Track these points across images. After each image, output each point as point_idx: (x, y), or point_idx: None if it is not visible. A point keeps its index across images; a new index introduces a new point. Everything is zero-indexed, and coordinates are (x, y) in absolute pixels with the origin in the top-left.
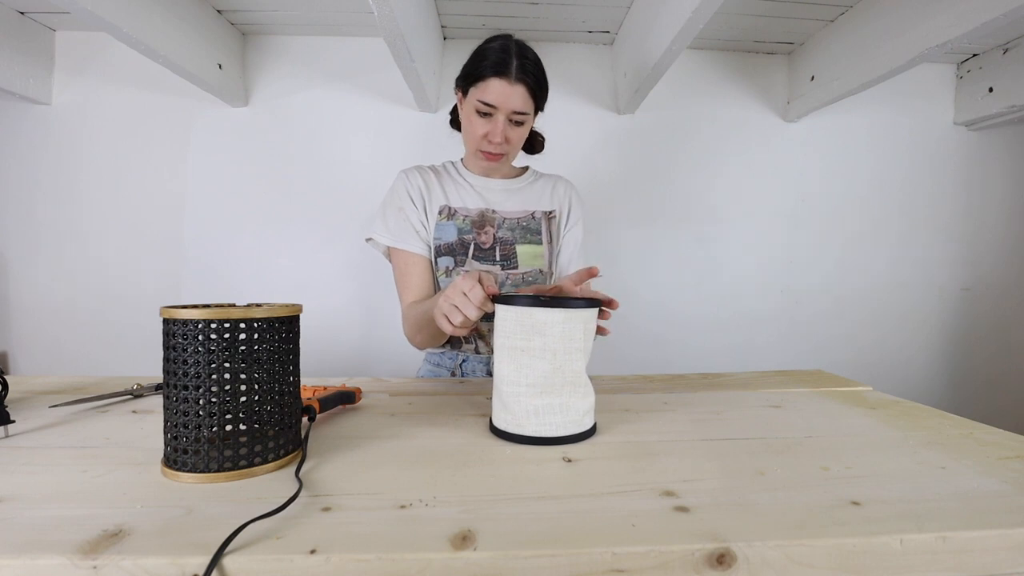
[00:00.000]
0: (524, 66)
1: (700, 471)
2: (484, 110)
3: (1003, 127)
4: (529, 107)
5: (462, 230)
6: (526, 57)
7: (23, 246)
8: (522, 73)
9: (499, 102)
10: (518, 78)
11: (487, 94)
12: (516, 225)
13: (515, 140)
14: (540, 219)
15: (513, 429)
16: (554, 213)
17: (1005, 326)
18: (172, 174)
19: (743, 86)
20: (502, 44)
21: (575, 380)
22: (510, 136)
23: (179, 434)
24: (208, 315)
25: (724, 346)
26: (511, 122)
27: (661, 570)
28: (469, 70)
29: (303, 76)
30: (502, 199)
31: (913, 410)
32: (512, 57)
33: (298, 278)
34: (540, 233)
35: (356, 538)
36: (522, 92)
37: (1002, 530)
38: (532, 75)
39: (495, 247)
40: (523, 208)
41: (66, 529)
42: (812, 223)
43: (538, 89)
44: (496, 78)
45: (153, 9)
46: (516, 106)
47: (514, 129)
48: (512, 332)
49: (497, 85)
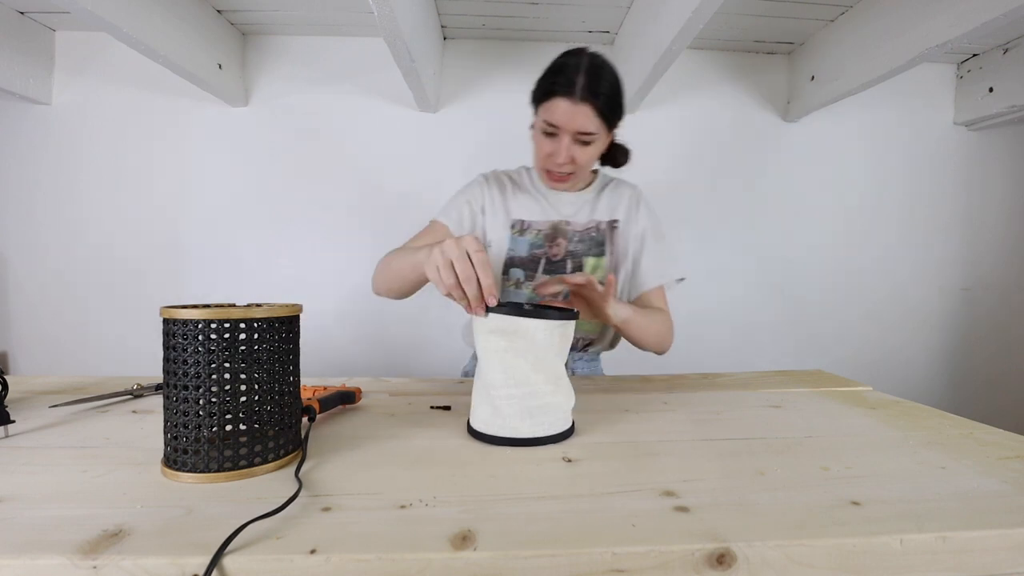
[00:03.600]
0: (592, 85)
1: (700, 471)
2: (549, 130)
3: (1003, 127)
4: (596, 127)
5: (534, 244)
6: (598, 75)
7: (23, 246)
8: (588, 93)
9: (563, 122)
10: (583, 97)
11: (551, 114)
12: (586, 236)
13: (582, 160)
14: (604, 230)
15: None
16: (617, 223)
17: (1005, 326)
18: (172, 174)
19: (743, 86)
20: (575, 61)
21: (557, 381)
22: (576, 156)
23: (179, 434)
24: (208, 315)
25: (724, 346)
26: (577, 142)
27: (661, 570)
28: (538, 87)
29: (303, 76)
30: (573, 211)
31: (913, 410)
32: (580, 75)
33: (298, 278)
34: (603, 244)
35: (356, 538)
36: (588, 112)
37: (1002, 530)
38: (602, 94)
39: (566, 259)
40: (591, 218)
41: (66, 529)
42: (812, 223)
43: (608, 109)
44: (561, 97)
45: (153, 9)
46: (580, 126)
47: (581, 149)
48: (496, 334)
49: (562, 105)
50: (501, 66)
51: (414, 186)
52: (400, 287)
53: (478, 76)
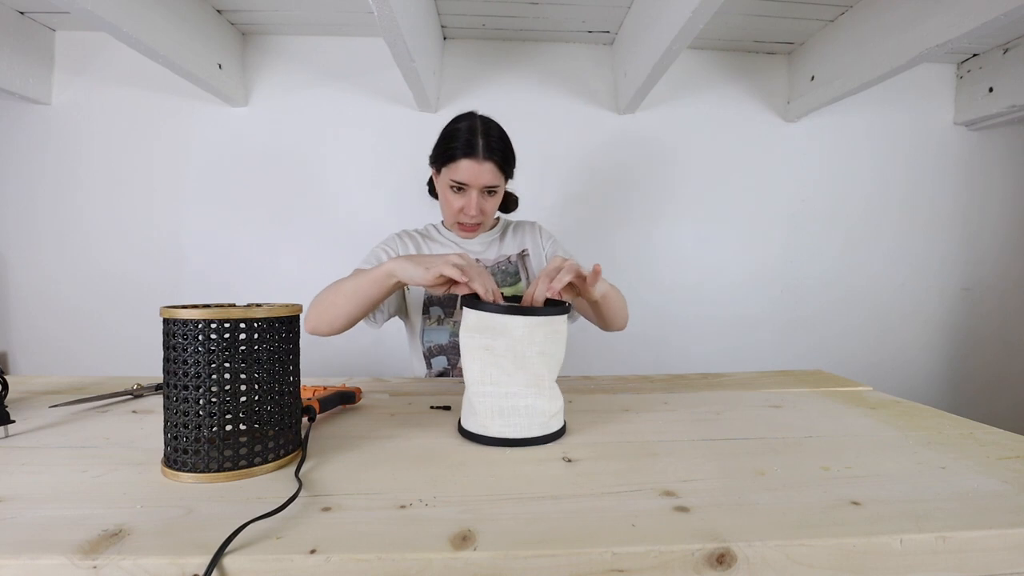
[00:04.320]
0: (490, 144)
1: (700, 471)
2: (455, 186)
3: (1003, 127)
4: (499, 180)
5: None
6: (491, 135)
7: (23, 246)
8: (488, 152)
9: (470, 180)
10: (486, 156)
11: (459, 173)
12: (496, 270)
13: (489, 209)
14: (516, 261)
15: (478, 430)
16: (526, 251)
17: (1005, 326)
18: (172, 174)
19: (743, 86)
20: (468, 125)
21: (539, 382)
22: (484, 207)
23: (179, 434)
24: (208, 315)
25: (724, 346)
26: (484, 194)
27: (661, 570)
28: (440, 151)
29: (303, 76)
30: (481, 250)
31: (913, 410)
32: (478, 137)
33: (298, 278)
34: (518, 273)
35: (356, 538)
36: (491, 168)
37: (1002, 530)
38: (498, 151)
39: None
40: (500, 254)
41: (66, 529)
42: (812, 223)
43: (505, 163)
44: (466, 159)
45: (153, 9)
46: (486, 181)
47: (487, 199)
48: (477, 332)
49: (467, 165)
50: (501, 66)
51: (414, 186)
52: (350, 311)
53: (478, 76)
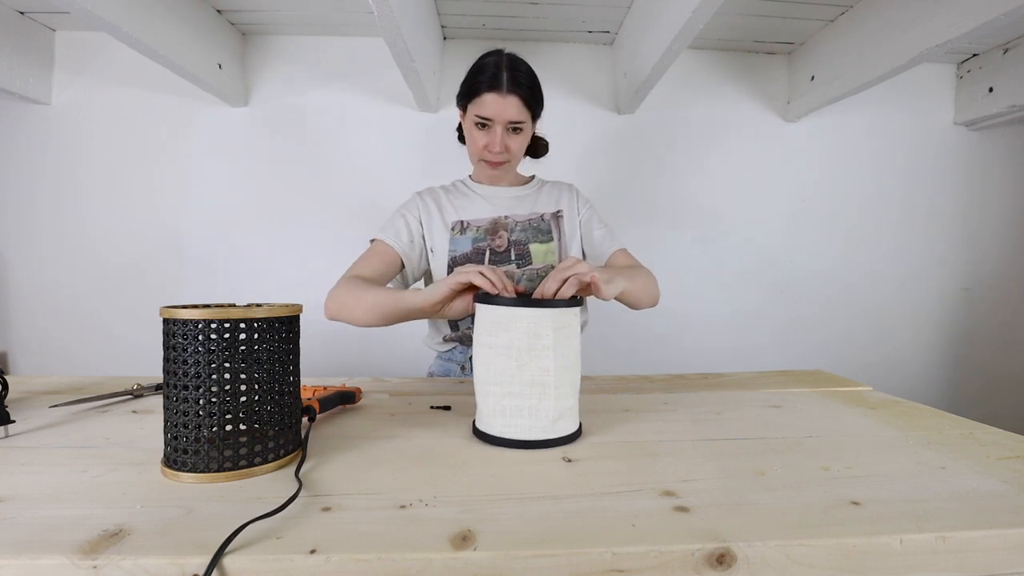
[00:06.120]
0: (516, 78)
1: (700, 471)
2: (482, 123)
3: (1003, 127)
4: (524, 116)
5: (476, 239)
6: (518, 69)
7: (23, 246)
8: (514, 85)
9: (494, 114)
10: (510, 90)
11: (483, 108)
12: (528, 226)
13: (515, 147)
14: (549, 220)
15: (483, 428)
16: (561, 212)
17: (1005, 326)
18: (172, 174)
19: (743, 86)
20: (495, 60)
21: (543, 380)
22: (509, 144)
23: (179, 434)
24: (208, 315)
25: (724, 346)
26: (509, 131)
27: (661, 570)
28: (465, 87)
29: (303, 76)
30: (512, 205)
31: (913, 410)
32: (503, 70)
33: (298, 278)
34: (550, 232)
35: (356, 538)
36: (516, 103)
37: (1002, 530)
38: (524, 85)
39: (510, 249)
40: (532, 211)
41: (66, 529)
42: (812, 223)
43: (531, 98)
44: (490, 92)
45: (153, 9)
46: (511, 116)
47: (513, 137)
48: (483, 329)
49: (491, 99)
50: None
51: (414, 186)
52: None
53: None
